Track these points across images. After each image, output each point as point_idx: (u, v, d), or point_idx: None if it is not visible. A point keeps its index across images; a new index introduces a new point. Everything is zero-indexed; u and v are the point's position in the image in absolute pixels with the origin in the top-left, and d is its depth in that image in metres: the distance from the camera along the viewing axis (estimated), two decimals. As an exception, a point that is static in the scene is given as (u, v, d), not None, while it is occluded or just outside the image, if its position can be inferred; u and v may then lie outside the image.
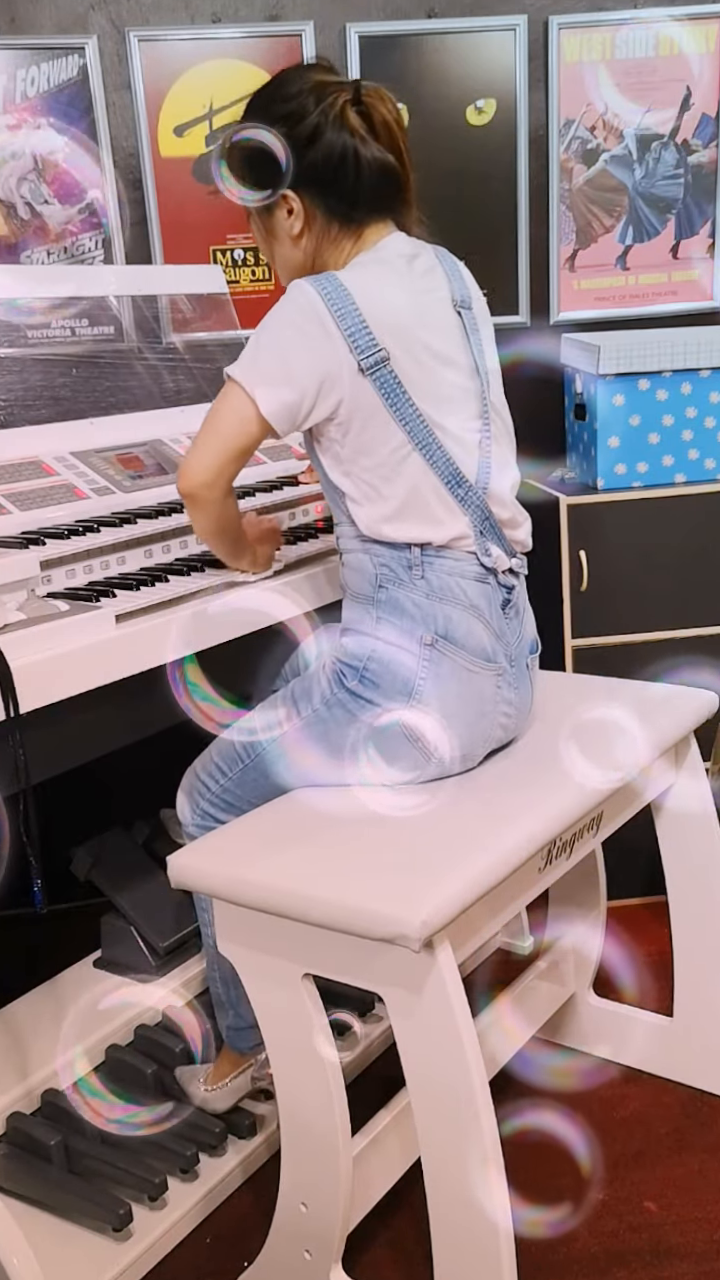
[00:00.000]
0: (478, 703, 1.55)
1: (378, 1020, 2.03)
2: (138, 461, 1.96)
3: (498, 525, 1.57)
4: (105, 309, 2.11)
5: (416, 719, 1.53)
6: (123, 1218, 1.62)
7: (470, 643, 1.53)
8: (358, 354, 1.43)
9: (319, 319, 1.44)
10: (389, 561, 1.53)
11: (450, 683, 1.52)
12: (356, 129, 1.49)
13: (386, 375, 1.45)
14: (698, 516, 2.34)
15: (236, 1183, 1.77)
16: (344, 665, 1.56)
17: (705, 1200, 1.72)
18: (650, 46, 2.49)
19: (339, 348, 1.43)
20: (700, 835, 1.85)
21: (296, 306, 1.45)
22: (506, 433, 1.62)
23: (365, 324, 1.44)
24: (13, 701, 1.35)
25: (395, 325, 1.47)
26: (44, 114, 2.37)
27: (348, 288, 1.45)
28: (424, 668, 1.52)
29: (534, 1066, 1.99)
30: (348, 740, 1.56)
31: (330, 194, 1.51)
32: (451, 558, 1.52)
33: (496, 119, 2.50)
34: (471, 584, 1.54)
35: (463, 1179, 1.35)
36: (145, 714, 1.62)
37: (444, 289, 1.56)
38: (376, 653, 1.53)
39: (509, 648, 1.59)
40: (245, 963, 1.48)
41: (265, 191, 1.52)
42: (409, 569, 1.52)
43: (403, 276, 1.52)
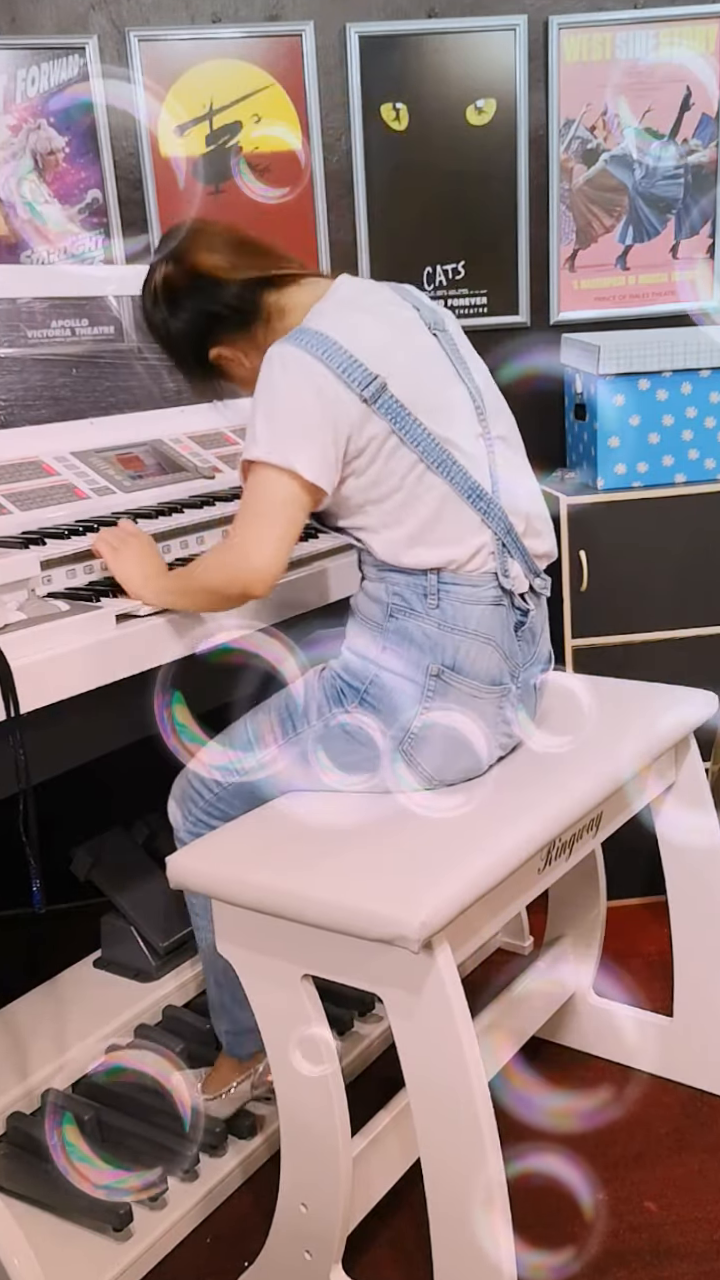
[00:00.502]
0: (481, 726, 1.54)
1: (377, 1021, 2.03)
2: (138, 461, 1.96)
3: (518, 538, 1.55)
4: (105, 309, 2.11)
5: (416, 747, 1.52)
6: (123, 1218, 1.62)
7: (477, 669, 1.52)
8: (357, 388, 1.42)
9: (308, 369, 1.42)
10: (403, 590, 1.50)
11: (453, 712, 1.51)
12: (182, 287, 1.55)
13: (389, 401, 1.44)
14: (698, 516, 2.34)
15: (236, 1183, 1.77)
16: (344, 684, 1.55)
17: (705, 1200, 1.72)
18: (650, 46, 2.49)
19: (338, 388, 1.42)
20: (700, 835, 1.85)
21: (283, 367, 1.44)
22: (513, 443, 1.61)
23: (354, 358, 1.43)
24: (13, 701, 1.35)
25: (381, 351, 1.46)
26: (44, 114, 2.37)
27: (323, 331, 1.44)
28: (426, 698, 1.50)
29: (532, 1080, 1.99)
30: (347, 759, 1.56)
31: (226, 328, 1.56)
32: (469, 583, 1.50)
33: (496, 119, 2.50)
34: (487, 610, 1.51)
35: (462, 1179, 1.35)
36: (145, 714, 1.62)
37: (411, 315, 1.56)
38: (379, 680, 1.52)
39: (518, 669, 1.58)
40: (244, 964, 1.48)
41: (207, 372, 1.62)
42: (424, 597, 1.49)
43: (366, 310, 1.52)
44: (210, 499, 1.89)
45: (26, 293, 1.99)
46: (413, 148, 2.50)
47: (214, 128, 2.44)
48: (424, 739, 1.52)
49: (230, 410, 1.80)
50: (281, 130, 2.46)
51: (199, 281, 1.55)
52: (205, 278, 1.54)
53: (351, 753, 1.55)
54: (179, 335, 1.59)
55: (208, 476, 2.01)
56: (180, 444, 2.06)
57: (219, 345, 1.58)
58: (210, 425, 2.16)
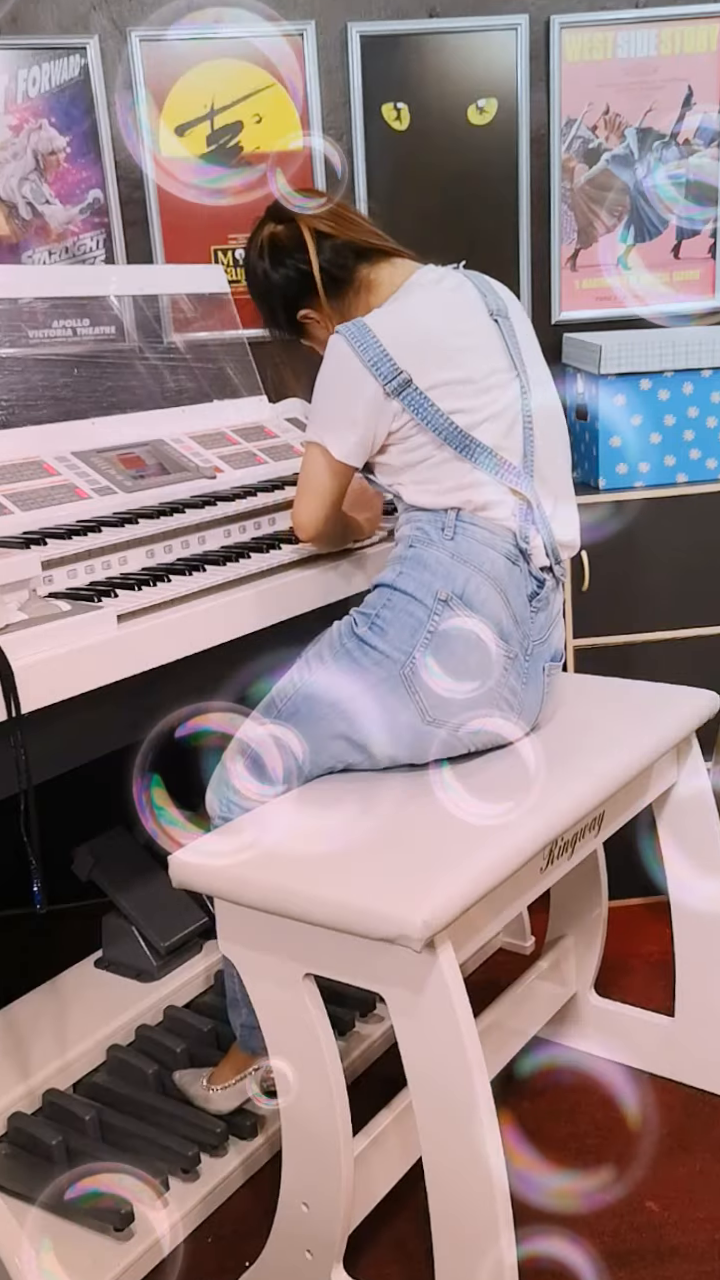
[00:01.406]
0: (481, 674, 1.57)
1: (379, 1020, 2.03)
2: (139, 461, 1.96)
3: (545, 516, 1.62)
4: (106, 309, 2.11)
5: (416, 673, 1.55)
6: (124, 1217, 1.62)
7: (485, 611, 1.56)
8: (382, 380, 1.56)
9: (348, 360, 1.57)
10: (424, 524, 1.60)
11: (456, 643, 1.55)
12: (286, 244, 1.70)
13: (413, 394, 1.56)
14: (699, 516, 2.34)
15: (238, 1183, 1.77)
16: (359, 614, 1.62)
17: (707, 1200, 1.72)
18: (652, 46, 2.48)
19: (368, 379, 1.56)
20: (701, 835, 1.85)
21: (333, 356, 1.61)
22: (556, 438, 1.69)
23: (386, 352, 1.56)
24: (14, 701, 1.35)
25: (418, 344, 1.57)
26: (45, 114, 2.37)
27: (368, 324, 1.58)
28: (433, 621, 1.55)
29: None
30: (352, 688, 1.58)
31: (319, 292, 1.70)
32: (486, 527, 1.58)
33: (498, 118, 2.50)
34: (500, 558, 1.58)
35: (464, 1179, 1.35)
36: (147, 714, 1.62)
37: (476, 300, 1.66)
38: (391, 601, 1.58)
39: (527, 639, 1.61)
40: (246, 962, 1.48)
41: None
42: (441, 529, 1.59)
43: (430, 294, 1.65)
44: (212, 499, 1.89)
45: (28, 293, 1.99)
46: (414, 147, 2.50)
47: (215, 128, 2.44)
48: (424, 665, 1.55)
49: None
50: (282, 130, 2.46)
51: (303, 241, 1.68)
52: (309, 238, 1.68)
53: (357, 678, 1.58)
54: (276, 289, 1.73)
55: (209, 476, 2.01)
56: (182, 444, 2.06)
57: (309, 306, 1.73)
58: (212, 425, 2.16)
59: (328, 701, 1.60)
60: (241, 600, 1.65)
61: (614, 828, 1.73)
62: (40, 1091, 1.82)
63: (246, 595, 1.66)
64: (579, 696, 1.84)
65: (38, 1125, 1.75)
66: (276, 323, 1.78)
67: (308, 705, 1.61)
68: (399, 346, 1.56)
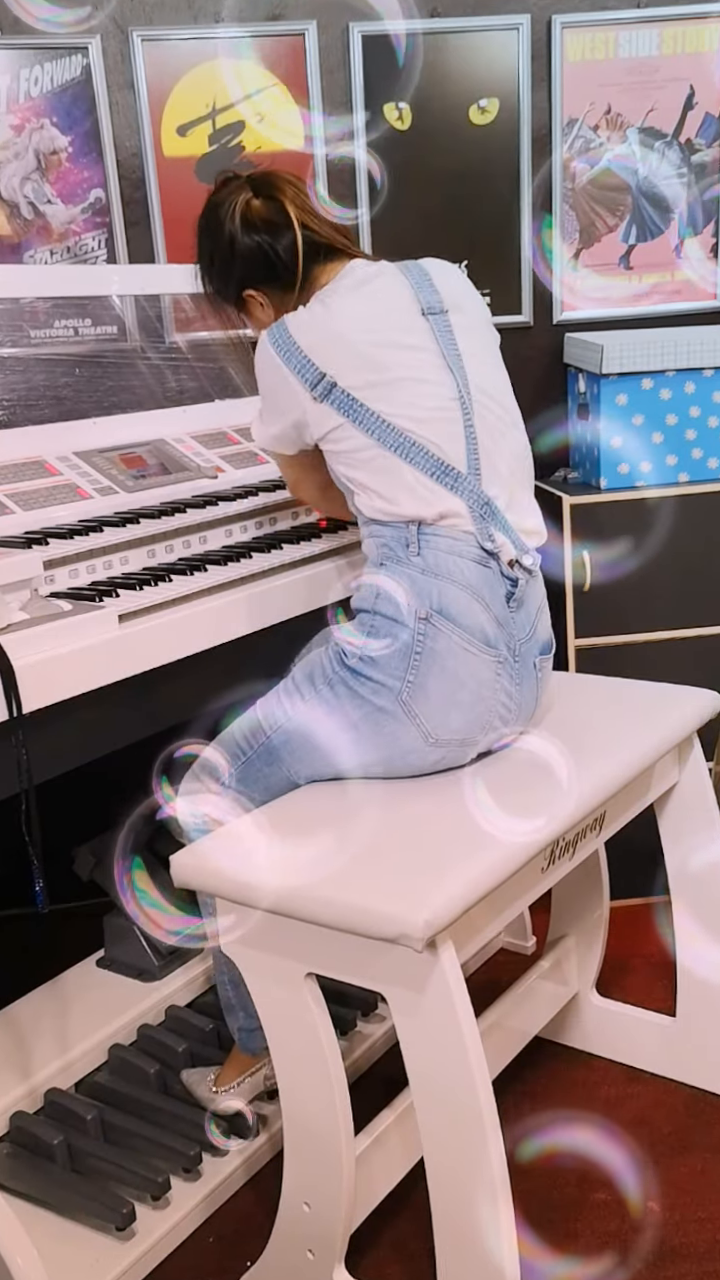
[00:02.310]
0: (475, 685, 1.55)
1: (380, 1019, 2.03)
2: (141, 461, 1.96)
3: (499, 512, 1.58)
4: (108, 309, 2.11)
5: (414, 697, 1.54)
6: (126, 1217, 1.62)
7: (467, 621, 1.54)
8: (307, 386, 1.58)
9: (274, 364, 1.60)
10: (389, 541, 1.58)
11: (446, 660, 1.54)
12: (262, 219, 1.66)
13: (340, 396, 1.57)
14: (701, 516, 2.34)
15: (239, 1182, 1.77)
16: (345, 642, 1.59)
17: (708, 1200, 1.72)
18: (653, 45, 2.48)
19: (294, 385, 1.59)
20: (703, 835, 1.85)
21: (260, 357, 1.64)
22: (504, 421, 1.64)
23: (307, 358, 1.57)
24: (15, 701, 1.35)
25: (339, 347, 1.57)
26: (47, 113, 2.37)
27: (289, 328, 1.60)
28: (419, 642, 1.53)
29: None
30: (351, 717, 1.57)
31: (273, 278, 1.68)
32: (449, 535, 1.55)
33: (499, 118, 2.50)
34: (470, 565, 1.55)
35: (465, 1179, 1.35)
36: (148, 713, 1.62)
37: (405, 299, 1.62)
38: (375, 628, 1.56)
39: (512, 639, 1.59)
40: (248, 962, 1.48)
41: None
42: (406, 547, 1.56)
43: (351, 299, 1.62)
44: (213, 499, 1.89)
45: (29, 292, 1.99)
46: (415, 147, 2.49)
47: (216, 127, 2.44)
48: (420, 687, 1.53)
49: None
50: (284, 130, 2.46)
51: (278, 220, 1.66)
52: (284, 221, 1.66)
53: (355, 708, 1.56)
54: (236, 258, 1.68)
55: (210, 476, 2.01)
56: (183, 444, 2.06)
57: (257, 287, 1.71)
58: (213, 425, 2.16)
59: (325, 733, 1.58)
60: (243, 600, 1.65)
61: (615, 828, 1.73)
62: (42, 1091, 1.82)
63: (248, 595, 1.66)
64: (579, 696, 1.84)
65: (39, 1125, 1.76)
66: (217, 290, 1.75)
67: (301, 738, 1.59)
68: (318, 350, 1.57)
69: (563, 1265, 1.61)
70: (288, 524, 1.95)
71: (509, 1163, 1.35)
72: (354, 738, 1.58)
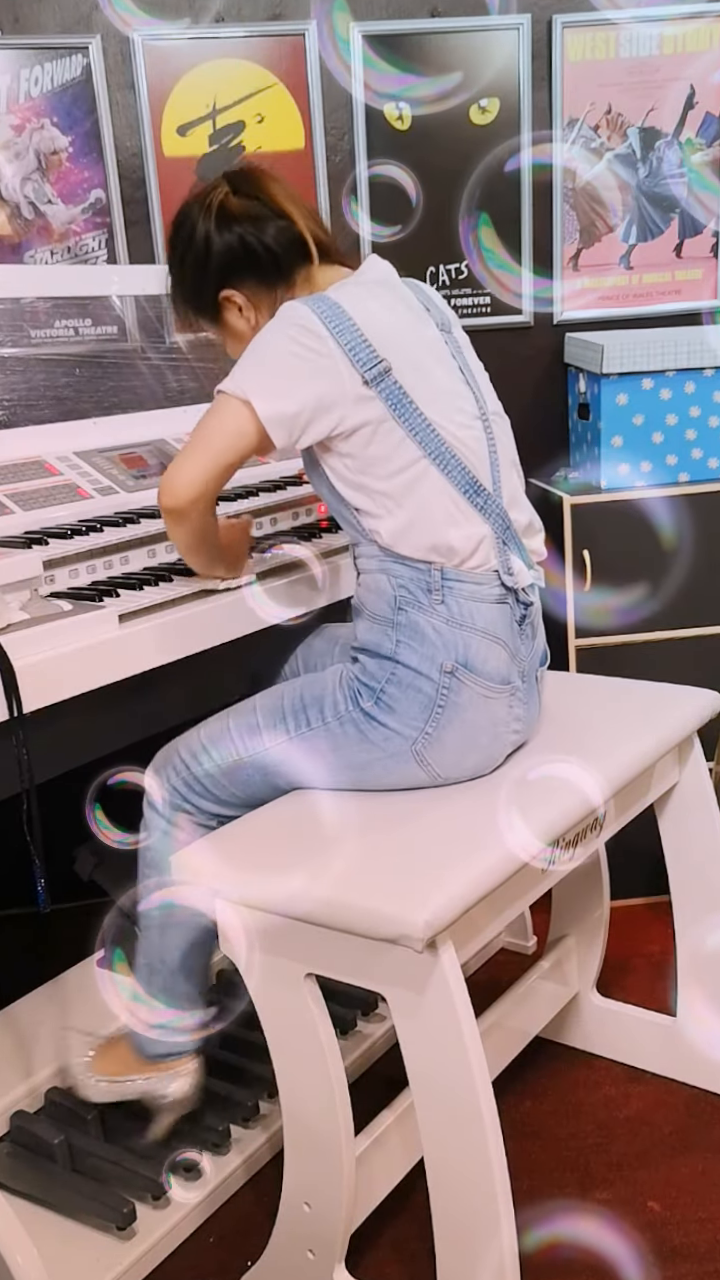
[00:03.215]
0: (491, 727, 1.54)
1: (380, 1019, 2.03)
2: (141, 461, 1.96)
3: (518, 534, 1.56)
4: (108, 309, 2.11)
5: (428, 747, 1.52)
6: (126, 1216, 1.62)
7: (488, 669, 1.51)
8: (360, 368, 1.43)
9: (317, 336, 1.43)
10: (408, 583, 1.49)
11: (467, 711, 1.51)
12: (241, 213, 1.54)
13: (391, 386, 1.44)
14: (702, 516, 2.34)
15: (240, 1182, 1.77)
16: (361, 684, 1.53)
17: (709, 1200, 1.72)
18: (654, 45, 2.48)
19: (340, 364, 1.43)
20: (703, 834, 1.85)
21: (292, 323, 1.45)
22: (509, 442, 1.62)
23: (364, 337, 1.43)
24: (16, 701, 1.35)
25: (391, 336, 1.47)
26: (47, 114, 2.37)
27: (340, 303, 1.45)
28: (442, 696, 1.49)
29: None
30: (356, 759, 1.55)
31: (256, 272, 1.55)
32: (472, 580, 1.50)
33: (500, 118, 2.50)
34: (492, 608, 1.51)
35: (466, 1179, 1.35)
36: (148, 713, 1.62)
37: (424, 311, 1.58)
38: (396, 676, 1.50)
39: (522, 664, 1.58)
40: (247, 963, 1.48)
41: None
42: (429, 593, 1.48)
43: (384, 298, 1.53)
44: (213, 498, 1.89)
45: (30, 292, 1.99)
46: (415, 147, 2.49)
47: (217, 127, 2.44)
48: (437, 739, 1.51)
49: None
50: (284, 130, 2.46)
51: (261, 212, 1.54)
52: (268, 212, 1.54)
53: (363, 751, 1.54)
54: (209, 255, 1.55)
55: (211, 476, 2.00)
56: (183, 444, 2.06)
57: (235, 285, 1.57)
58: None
59: (327, 764, 1.54)
60: (243, 600, 1.65)
61: (615, 828, 1.73)
62: (43, 1090, 1.82)
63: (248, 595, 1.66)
64: (579, 696, 1.84)
65: (40, 1124, 1.76)
66: (191, 291, 1.61)
67: (305, 759, 1.54)
68: (374, 334, 1.44)
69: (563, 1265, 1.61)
70: (288, 524, 1.95)
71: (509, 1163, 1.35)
72: (355, 776, 1.56)
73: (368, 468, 1.47)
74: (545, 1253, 1.63)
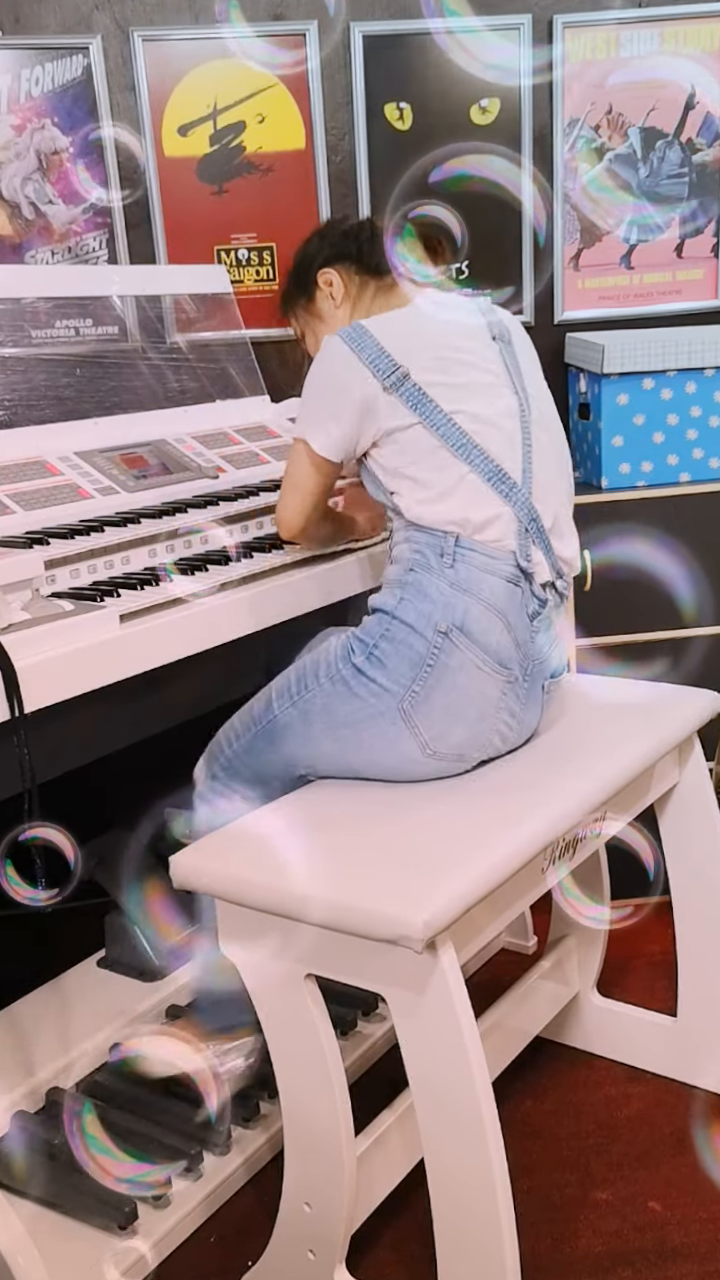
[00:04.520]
0: (479, 703, 1.55)
1: (380, 1020, 2.03)
2: (142, 461, 1.96)
3: (544, 531, 1.60)
4: (109, 309, 2.11)
5: (415, 707, 1.54)
6: (127, 1215, 1.62)
7: (486, 641, 1.54)
8: (380, 376, 1.57)
9: (344, 357, 1.60)
10: (423, 548, 1.57)
11: (457, 676, 1.53)
12: (357, 234, 1.79)
13: (411, 389, 1.57)
14: (702, 516, 2.34)
15: (240, 1182, 1.77)
16: (356, 640, 1.59)
17: (710, 1200, 1.72)
18: (655, 45, 2.48)
19: (365, 375, 1.58)
20: (704, 835, 1.85)
21: (326, 355, 1.64)
22: (556, 448, 1.69)
23: (383, 349, 1.58)
24: (17, 701, 1.35)
25: (414, 346, 1.60)
26: (48, 114, 2.37)
27: (365, 326, 1.62)
28: (433, 655, 1.53)
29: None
30: (348, 716, 1.57)
31: (357, 258, 1.77)
32: (485, 553, 1.55)
33: (500, 118, 2.50)
34: (501, 584, 1.55)
35: (466, 1179, 1.35)
36: (149, 713, 1.62)
37: (478, 322, 1.68)
38: (390, 632, 1.56)
39: (527, 660, 1.59)
40: (247, 963, 1.48)
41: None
42: (441, 556, 1.56)
43: (429, 311, 1.69)
44: (214, 499, 1.89)
45: (31, 293, 1.99)
46: (417, 147, 2.49)
47: (217, 127, 2.44)
48: (424, 699, 1.54)
49: None
50: (285, 130, 2.46)
51: (369, 230, 1.79)
52: (373, 231, 1.78)
53: (353, 708, 1.57)
54: (324, 240, 1.81)
55: (211, 476, 2.01)
56: (184, 444, 2.06)
57: (335, 266, 1.78)
58: (214, 425, 2.16)
59: (322, 726, 1.59)
60: (243, 600, 1.65)
61: (616, 828, 1.73)
62: (43, 1090, 1.82)
63: (248, 595, 1.66)
64: (579, 696, 1.84)
65: (40, 1124, 1.76)
66: (293, 278, 1.83)
67: (303, 724, 1.61)
68: (395, 345, 1.59)
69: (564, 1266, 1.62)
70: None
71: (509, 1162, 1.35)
72: (346, 736, 1.58)
73: (400, 460, 1.60)
74: (545, 1252, 1.64)
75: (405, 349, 1.59)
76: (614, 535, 2.32)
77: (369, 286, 1.77)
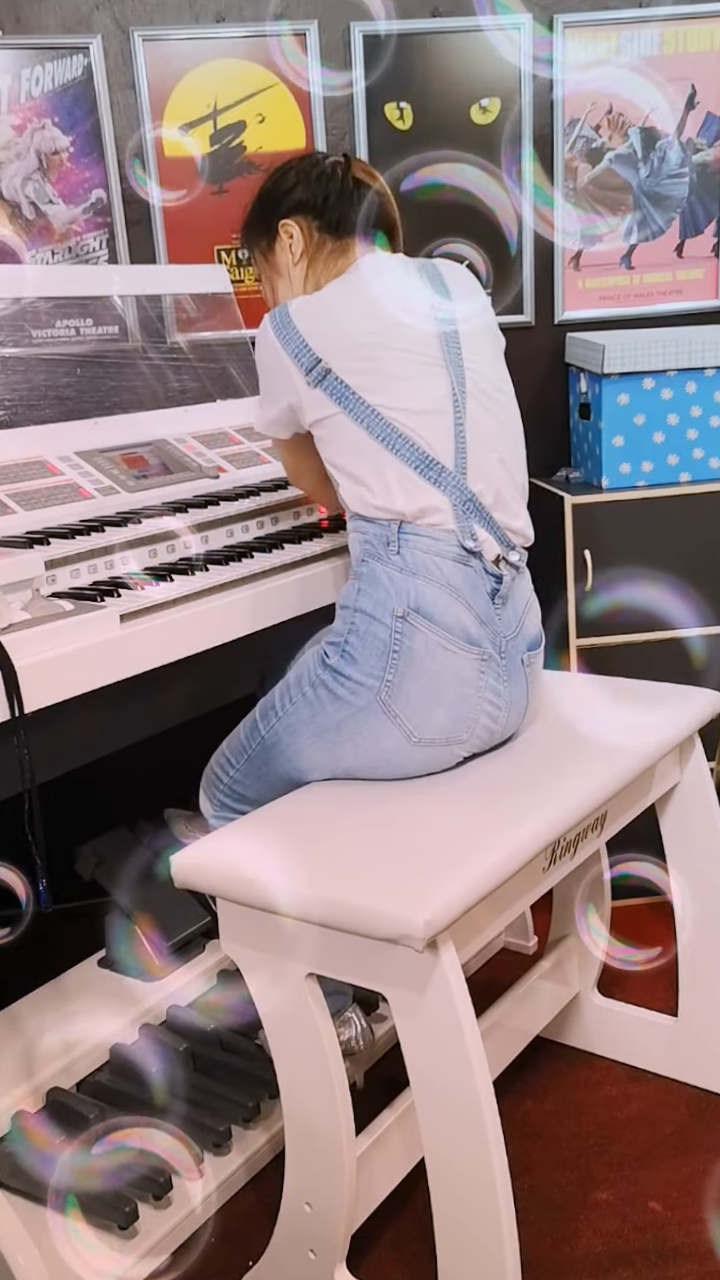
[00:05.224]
0: (457, 684, 1.56)
1: (381, 1019, 2.03)
2: (142, 461, 1.96)
3: (484, 509, 1.59)
4: (109, 309, 2.11)
5: (393, 696, 1.54)
6: (128, 1216, 1.62)
7: (446, 620, 1.55)
8: (303, 370, 1.60)
9: (271, 348, 1.63)
10: (371, 538, 1.59)
11: (425, 659, 1.54)
12: (326, 176, 1.73)
13: (333, 382, 1.58)
14: (703, 516, 2.34)
15: (241, 1181, 1.77)
16: (328, 644, 1.60)
17: (710, 1200, 1.72)
18: (655, 45, 2.48)
19: (290, 369, 1.61)
20: (704, 835, 1.85)
21: (260, 340, 1.67)
22: (499, 423, 1.64)
23: (305, 344, 1.60)
24: (17, 701, 1.35)
25: (337, 335, 1.59)
26: (48, 114, 2.37)
27: (289, 311, 1.63)
28: (396, 640, 1.54)
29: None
30: (332, 718, 1.58)
31: (319, 213, 1.71)
32: (429, 535, 1.56)
33: (501, 118, 2.50)
34: (449, 564, 1.56)
35: (466, 1179, 1.35)
36: (150, 713, 1.62)
37: (416, 296, 1.65)
38: (355, 626, 1.57)
39: (498, 636, 1.59)
40: (248, 962, 1.48)
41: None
42: (386, 545, 1.57)
43: (358, 292, 1.63)
44: (215, 499, 1.89)
45: (31, 293, 1.99)
46: (417, 147, 2.49)
47: (218, 127, 2.44)
48: (400, 688, 1.54)
49: None
50: (285, 130, 2.46)
51: (339, 183, 1.72)
52: (343, 186, 1.72)
53: (335, 709, 1.57)
54: (283, 187, 1.75)
55: (212, 476, 2.01)
56: (184, 444, 2.06)
57: (295, 217, 1.73)
58: (215, 425, 2.16)
59: (309, 736, 1.60)
60: (244, 600, 1.65)
61: (616, 828, 1.73)
62: (44, 1090, 1.82)
63: (249, 595, 1.66)
64: (580, 696, 1.84)
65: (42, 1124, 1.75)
66: (258, 213, 1.78)
67: (290, 738, 1.61)
68: (315, 335, 1.59)
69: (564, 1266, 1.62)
70: (289, 524, 1.96)
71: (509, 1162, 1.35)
72: (336, 740, 1.58)
73: (331, 451, 1.63)
74: (545, 1252, 1.64)
75: (326, 338, 1.59)
76: (614, 535, 2.32)
77: (325, 247, 1.73)
